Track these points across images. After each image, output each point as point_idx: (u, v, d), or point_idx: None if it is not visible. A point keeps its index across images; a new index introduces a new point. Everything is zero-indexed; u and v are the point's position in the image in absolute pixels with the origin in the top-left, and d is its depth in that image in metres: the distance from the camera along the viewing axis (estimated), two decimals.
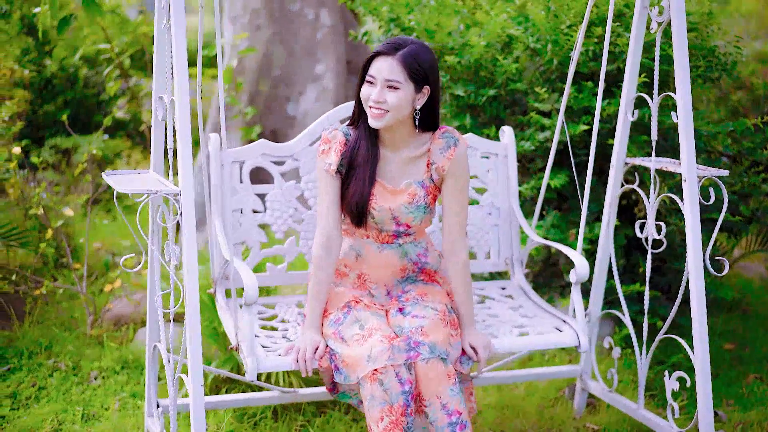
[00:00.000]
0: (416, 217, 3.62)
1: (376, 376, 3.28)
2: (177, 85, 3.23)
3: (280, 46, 6.69)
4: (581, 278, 3.83)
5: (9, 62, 6.45)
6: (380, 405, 3.28)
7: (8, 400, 4.44)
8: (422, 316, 3.48)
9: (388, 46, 3.48)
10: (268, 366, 3.48)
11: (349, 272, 3.71)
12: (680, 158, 3.68)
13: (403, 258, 3.68)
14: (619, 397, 4.18)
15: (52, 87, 7.96)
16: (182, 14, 3.25)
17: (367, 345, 3.35)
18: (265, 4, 6.68)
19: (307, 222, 4.09)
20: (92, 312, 5.19)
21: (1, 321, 5.23)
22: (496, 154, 4.30)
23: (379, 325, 3.44)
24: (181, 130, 3.22)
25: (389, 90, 3.47)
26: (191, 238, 3.20)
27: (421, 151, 3.63)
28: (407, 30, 4.92)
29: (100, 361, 4.82)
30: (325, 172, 3.62)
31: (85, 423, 4.24)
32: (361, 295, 3.64)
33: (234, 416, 4.24)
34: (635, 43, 3.96)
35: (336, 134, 3.66)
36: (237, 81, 6.54)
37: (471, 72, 4.86)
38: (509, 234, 4.31)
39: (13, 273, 5.27)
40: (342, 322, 3.51)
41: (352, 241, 3.71)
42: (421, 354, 3.33)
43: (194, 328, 3.21)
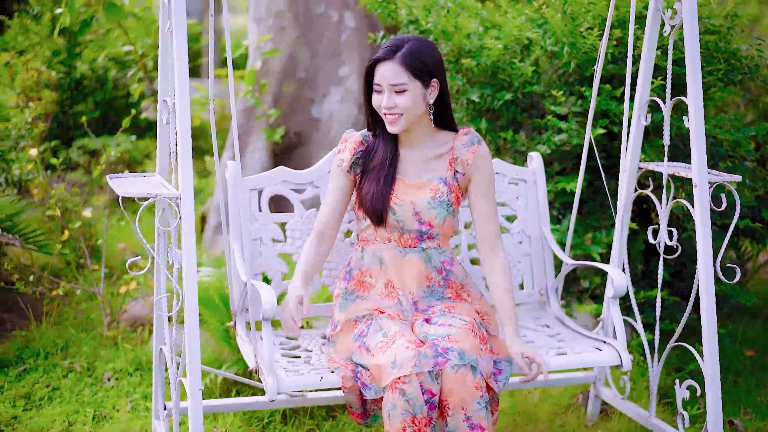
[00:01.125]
0: (439, 214, 3.52)
1: (398, 385, 3.15)
2: (177, 88, 3.22)
3: (304, 47, 6.68)
4: (619, 292, 3.69)
5: (36, 64, 6.50)
6: (402, 415, 3.14)
7: (22, 400, 4.47)
8: (449, 324, 3.35)
9: (386, 51, 3.44)
10: (289, 384, 3.37)
11: (376, 282, 3.58)
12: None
13: (427, 264, 3.56)
14: (631, 405, 4.13)
15: (82, 88, 8.03)
16: (183, 18, 3.24)
17: (391, 351, 3.23)
18: (290, 6, 6.67)
19: (331, 252, 3.88)
20: (109, 313, 5.22)
21: (20, 321, 5.27)
22: (525, 180, 4.19)
23: (402, 331, 3.33)
24: (181, 134, 3.21)
25: (397, 94, 3.43)
26: (190, 242, 3.19)
27: (443, 150, 3.60)
28: (425, 32, 4.89)
29: (114, 362, 4.83)
30: (337, 167, 3.62)
31: (96, 424, 4.25)
32: (387, 306, 3.51)
33: (243, 419, 4.23)
34: (648, 47, 3.91)
35: (353, 134, 3.66)
36: (261, 83, 6.54)
37: (488, 75, 4.83)
38: (542, 262, 4.19)
39: (31, 274, 5.30)
40: (366, 334, 3.42)
41: (373, 248, 3.60)
42: (450, 360, 3.18)
43: (193, 331, 3.20)
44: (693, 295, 3.71)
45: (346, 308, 3.57)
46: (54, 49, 7.76)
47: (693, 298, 3.71)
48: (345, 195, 3.63)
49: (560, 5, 4.64)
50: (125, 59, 8.04)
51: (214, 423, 4.21)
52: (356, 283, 3.61)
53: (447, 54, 4.86)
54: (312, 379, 3.41)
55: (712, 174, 3.75)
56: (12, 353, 4.94)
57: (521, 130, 4.94)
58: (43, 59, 7.52)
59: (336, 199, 3.61)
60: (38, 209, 5.90)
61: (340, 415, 4.30)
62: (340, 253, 3.96)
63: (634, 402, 4.35)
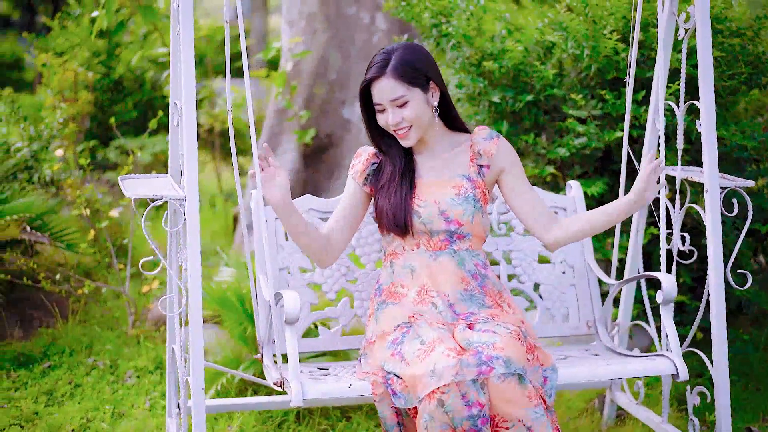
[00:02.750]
0: (466, 210, 3.40)
1: (436, 396, 2.94)
2: (184, 91, 3.27)
3: (335, 49, 6.72)
4: (669, 298, 3.55)
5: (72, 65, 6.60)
6: (441, 427, 2.94)
7: (44, 396, 4.55)
8: (493, 331, 3.15)
9: (376, 68, 3.35)
10: (317, 391, 3.20)
11: (408, 291, 3.41)
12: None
13: (460, 266, 3.41)
14: (645, 410, 4.10)
15: (121, 89, 8.15)
16: (191, 22, 3.29)
17: (429, 360, 3.02)
18: (322, 8, 6.71)
19: (361, 281, 3.84)
20: (133, 312, 5.29)
21: (48, 319, 5.37)
22: (564, 209, 4.08)
23: (442, 338, 3.11)
24: (187, 136, 3.25)
25: (401, 108, 3.35)
26: (195, 243, 3.23)
27: (460, 148, 3.52)
28: (447, 35, 4.89)
29: (135, 360, 4.90)
30: (351, 178, 3.54)
31: (113, 421, 4.32)
32: (423, 311, 3.33)
33: (258, 419, 4.27)
34: (663, 51, 3.89)
35: (367, 148, 3.59)
36: (292, 84, 6.58)
37: (510, 78, 4.82)
38: (588, 293, 4.04)
39: (58, 272, 5.39)
40: (401, 341, 3.22)
41: (402, 259, 3.46)
42: (494, 369, 2.97)
43: (196, 331, 3.23)
44: (704, 301, 3.69)
45: (379, 319, 3.42)
46: (94, 50, 7.88)
47: (704, 303, 3.69)
48: (356, 204, 3.53)
49: (581, 8, 4.62)
50: (161, 60, 8.13)
51: (230, 422, 4.25)
52: (387, 293, 3.47)
53: (469, 57, 4.86)
54: (341, 386, 3.26)
55: (725, 179, 3.73)
56: (38, 350, 5.04)
57: (543, 133, 4.93)
58: (82, 60, 7.64)
59: (345, 206, 3.52)
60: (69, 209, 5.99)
61: (354, 416, 4.32)
62: (371, 282, 3.85)
63: (652, 407, 4.33)
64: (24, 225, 5.23)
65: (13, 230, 5.12)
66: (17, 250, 5.49)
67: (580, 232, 3.50)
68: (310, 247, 3.43)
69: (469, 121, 5.06)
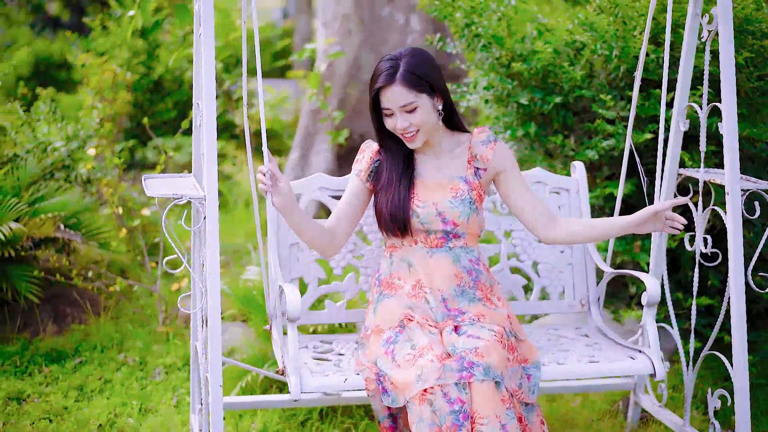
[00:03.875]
0: (462, 213, 3.53)
1: (426, 396, 3.15)
2: (204, 92, 3.31)
3: (369, 50, 6.76)
4: (653, 300, 3.68)
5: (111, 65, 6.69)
6: (429, 427, 3.13)
7: (74, 391, 4.63)
8: (477, 336, 3.34)
9: (386, 76, 3.42)
10: (314, 385, 3.41)
11: (404, 284, 3.59)
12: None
13: (455, 263, 3.56)
14: (668, 413, 4.09)
15: (161, 89, 8.24)
16: (211, 24, 3.32)
17: (417, 365, 3.23)
18: (356, 9, 6.75)
19: (367, 258, 3.99)
20: (164, 310, 5.36)
21: (81, 315, 5.45)
22: (567, 190, 4.18)
23: (431, 345, 3.31)
24: (207, 137, 3.30)
25: (409, 113, 3.44)
26: (214, 242, 3.27)
27: (460, 149, 3.63)
28: (478, 36, 4.90)
29: (164, 357, 4.97)
30: (355, 176, 3.67)
31: (140, 416, 4.38)
32: (416, 306, 3.51)
33: (281, 416, 4.31)
34: (687, 52, 3.88)
35: (371, 144, 3.70)
36: (325, 85, 6.63)
37: (539, 79, 4.82)
38: (584, 273, 4.17)
39: (90, 269, 5.47)
40: (394, 341, 3.42)
41: (401, 253, 3.62)
42: (474, 375, 3.19)
43: (215, 329, 3.28)
44: (724, 304, 3.68)
45: (377, 311, 3.59)
46: (134, 50, 7.97)
47: (724, 306, 3.68)
48: (358, 199, 3.65)
49: (611, 9, 4.61)
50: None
51: (254, 419, 4.30)
52: (386, 285, 3.63)
53: (499, 58, 4.86)
54: (336, 381, 3.44)
55: (748, 181, 3.71)
56: (70, 346, 5.13)
57: (572, 135, 4.92)
58: (122, 61, 7.74)
59: (347, 201, 3.64)
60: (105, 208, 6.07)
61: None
62: (377, 258, 3.98)
63: (677, 410, 4.32)
64: (58, 223, 5.32)
65: (48, 228, 5.21)
66: (52, 248, 5.58)
67: (578, 236, 3.63)
68: (314, 241, 3.57)
69: (497, 122, 5.08)
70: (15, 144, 5.77)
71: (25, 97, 6.98)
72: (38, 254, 5.36)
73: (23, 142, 5.82)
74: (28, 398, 4.55)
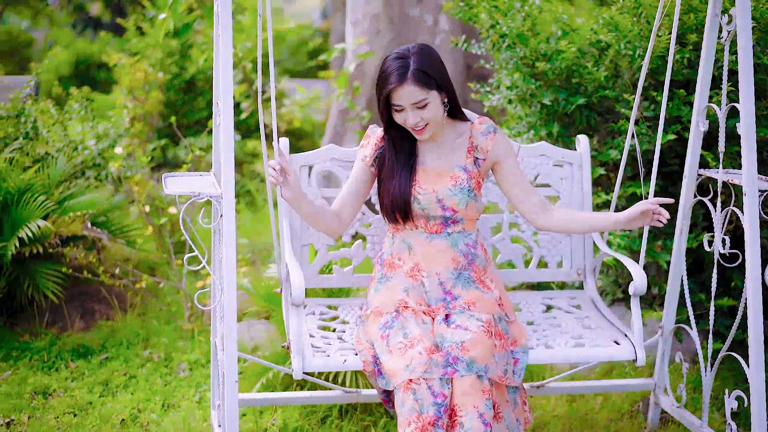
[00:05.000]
0: (461, 200, 3.68)
1: (410, 385, 3.34)
2: (222, 91, 3.35)
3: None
4: (639, 291, 3.77)
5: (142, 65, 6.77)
6: (410, 412, 3.32)
7: (99, 386, 4.69)
8: (465, 327, 3.51)
9: (397, 76, 3.52)
10: (315, 365, 3.57)
11: (403, 264, 3.76)
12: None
13: (453, 247, 3.73)
14: (686, 413, 4.09)
15: (194, 88, 8.31)
16: (229, 25, 3.36)
17: (407, 355, 3.42)
18: (385, 9, 6.78)
19: (374, 226, 4.18)
20: (189, 307, 5.41)
21: (108, 312, 5.52)
22: (571, 163, 4.28)
23: (421, 336, 3.49)
24: (225, 135, 3.34)
25: (420, 109, 3.57)
26: (231, 240, 3.32)
27: (461, 138, 3.76)
28: (503, 37, 4.90)
29: (189, 354, 5.02)
30: (359, 160, 3.81)
31: (163, 412, 4.43)
32: (412, 288, 3.69)
33: (302, 413, 4.35)
34: (707, 52, 3.87)
35: (376, 130, 3.84)
36: (354, 85, 6.66)
37: (562, 78, 4.83)
38: (582, 244, 4.30)
39: (117, 267, 5.54)
40: (391, 326, 3.58)
41: (402, 235, 3.79)
42: (458, 371, 3.37)
43: (230, 325, 3.32)
44: (741, 305, 3.67)
45: (378, 291, 3.76)
46: (168, 51, 8.05)
47: (741, 307, 3.68)
48: (362, 183, 3.81)
49: (633, 9, 4.61)
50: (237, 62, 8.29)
51: (274, 415, 4.34)
52: (387, 266, 3.80)
53: (523, 57, 4.87)
54: (337, 361, 3.59)
55: (767, 182, 3.70)
56: (97, 342, 5.19)
57: (595, 135, 4.92)
58: (155, 61, 7.81)
59: (352, 184, 3.80)
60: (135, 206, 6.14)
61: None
62: (383, 226, 4.15)
63: (696, 411, 4.31)
64: (86, 221, 5.39)
65: (76, 226, 5.28)
66: (81, 245, 5.65)
67: (569, 227, 3.78)
68: (321, 225, 3.78)
69: (519, 122, 5.09)
70: (47, 143, 5.85)
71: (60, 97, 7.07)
72: (66, 252, 5.43)
73: (55, 140, 5.90)
74: (54, 393, 4.62)
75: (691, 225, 4.70)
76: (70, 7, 22.28)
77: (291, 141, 8.48)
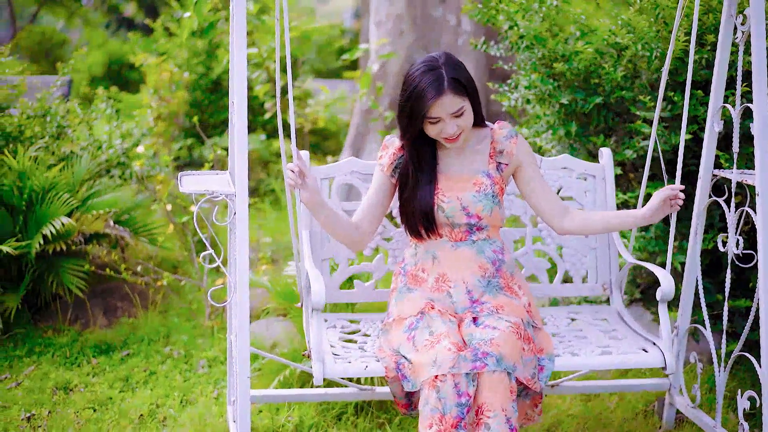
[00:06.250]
0: (486, 206, 3.65)
1: (435, 383, 3.27)
2: (236, 90, 3.40)
3: (421, 51, 6.81)
4: (667, 296, 3.72)
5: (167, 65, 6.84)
6: (431, 412, 3.25)
7: (120, 382, 4.76)
8: (494, 326, 3.44)
9: (435, 89, 3.48)
10: (336, 371, 3.53)
11: (428, 277, 3.71)
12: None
13: (480, 255, 3.68)
14: (701, 414, 4.09)
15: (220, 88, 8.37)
16: (243, 24, 3.40)
17: (433, 351, 3.34)
18: (408, 10, 6.81)
19: (396, 240, 4.12)
20: (210, 304, 5.46)
21: (131, 309, 5.59)
22: (594, 176, 4.25)
23: (448, 332, 3.42)
24: (238, 133, 3.38)
25: (458, 118, 3.55)
26: (243, 237, 3.36)
27: (481, 145, 3.75)
28: (521, 38, 4.91)
29: (208, 351, 5.08)
30: (379, 170, 3.78)
31: (181, 408, 4.49)
32: (438, 299, 3.64)
33: (317, 410, 4.38)
34: (722, 53, 3.87)
35: (394, 141, 3.80)
36: (377, 85, 6.69)
37: (580, 79, 4.83)
38: (607, 257, 4.24)
39: (139, 265, 5.60)
40: (415, 327, 3.52)
41: (426, 245, 3.74)
42: (487, 366, 3.29)
43: (243, 322, 3.35)
44: (754, 305, 3.67)
45: (401, 299, 3.71)
46: (194, 50, 8.12)
47: (754, 307, 3.68)
48: (383, 195, 3.77)
49: (651, 10, 4.61)
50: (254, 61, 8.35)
51: (290, 412, 4.38)
52: (410, 278, 3.75)
53: (542, 58, 4.88)
54: (358, 368, 3.55)
55: None
56: (118, 339, 5.26)
57: (613, 135, 4.92)
58: (181, 60, 7.88)
59: (372, 196, 3.76)
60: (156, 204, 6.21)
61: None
62: (405, 240, 4.05)
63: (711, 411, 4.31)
64: (109, 219, 5.46)
65: (99, 224, 5.35)
66: (104, 243, 5.73)
67: (591, 227, 3.77)
68: (342, 236, 3.72)
69: (537, 121, 5.10)
70: (72, 141, 5.93)
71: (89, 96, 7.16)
72: (89, 249, 5.50)
73: (80, 139, 5.98)
74: (75, 388, 4.69)
75: (707, 226, 4.69)
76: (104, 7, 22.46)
77: (316, 141, 8.54)
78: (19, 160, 5.33)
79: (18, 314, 5.39)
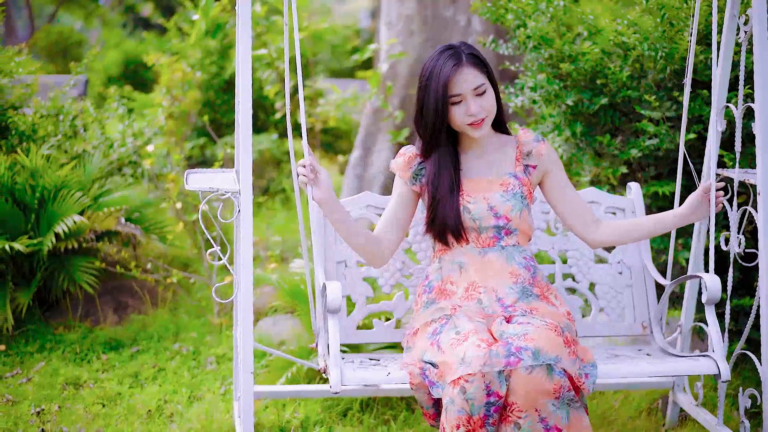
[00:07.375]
0: (515, 207, 3.48)
1: (461, 382, 3.01)
2: (240, 89, 3.44)
3: (431, 51, 6.83)
4: (713, 298, 3.59)
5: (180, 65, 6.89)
6: (458, 413, 3.01)
7: (129, 378, 4.81)
8: (528, 323, 3.20)
9: (453, 63, 3.38)
10: (354, 378, 3.36)
11: (456, 288, 3.49)
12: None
13: (509, 261, 3.48)
14: (703, 412, 4.11)
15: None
16: (248, 24, 3.44)
17: (461, 348, 3.09)
18: (419, 10, 6.84)
19: (416, 276, 3.93)
20: (218, 302, 5.52)
21: (141, 306, 5.64)
22: (623, 210, 4.15)
23: (477, 329, 3.19)
24: (243, 132, 3.42)
25: (479, 96, 3.41)
26: (247, 235, 3.40)
27: (506, 148, 3.61)
28: (529, 38, 4.94)
29: (216, 348, 5.13)
30: (398, 178, 3.63)
31: (189, 404, 4.53)
32: (467, 306, 3.40)
33: (323, 406, 4.42)
34: (725, 53, 3.89)
35: (410, 148, 3.66)
36: (387, 85, 6.73)
37: (586, 79, 4.85)
38: (644, 293, 4.09)
39: (149, 262, 5.66)
40: (440, 332, 3.29)
41: (450, 255, 3.55)
42: (522, 360, 3.01)
43: (246, 318, 3.40)
44: (755, 303, 3.69)
45: (426, 310, 3.50)
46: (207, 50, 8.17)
47: (755, 306, 3.69)
48: (405, 204, 3.61)
49: (657, 11, 4.63)
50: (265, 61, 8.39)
51: (296, 408, 4.42)
52: (437, 292, 3.54)
53: (549, 58, 4.91)
54: (378, 375, 3.39)
55: None
56: (128, 335, 5.32)
57: (620, 134, 4.94)
58: (194, 60, 7.94)
59: (394, 206, 3.61)
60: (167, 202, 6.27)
61: (417, 407, 4.43)
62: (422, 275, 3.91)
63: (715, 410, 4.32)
64: (119, 217, 5.52)
65: (110, 222, 5.41)
66: (116, 241, 5.78)
67: (626, 234, 3.65)
68: (362, 248, 3.54)
69: (543, 121, 5.12)
70: (84, 140, 5.98)
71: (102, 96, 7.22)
72: (100, 247, 5.56)
73: (92, 138, 6.04)
74: (85, 384, 4.74)
75: (715, 225, 4.70)
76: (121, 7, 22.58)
77: (328, 140, 8.57)
78: (32, 158, 5.39)
79: (29, 311, 5.46)
